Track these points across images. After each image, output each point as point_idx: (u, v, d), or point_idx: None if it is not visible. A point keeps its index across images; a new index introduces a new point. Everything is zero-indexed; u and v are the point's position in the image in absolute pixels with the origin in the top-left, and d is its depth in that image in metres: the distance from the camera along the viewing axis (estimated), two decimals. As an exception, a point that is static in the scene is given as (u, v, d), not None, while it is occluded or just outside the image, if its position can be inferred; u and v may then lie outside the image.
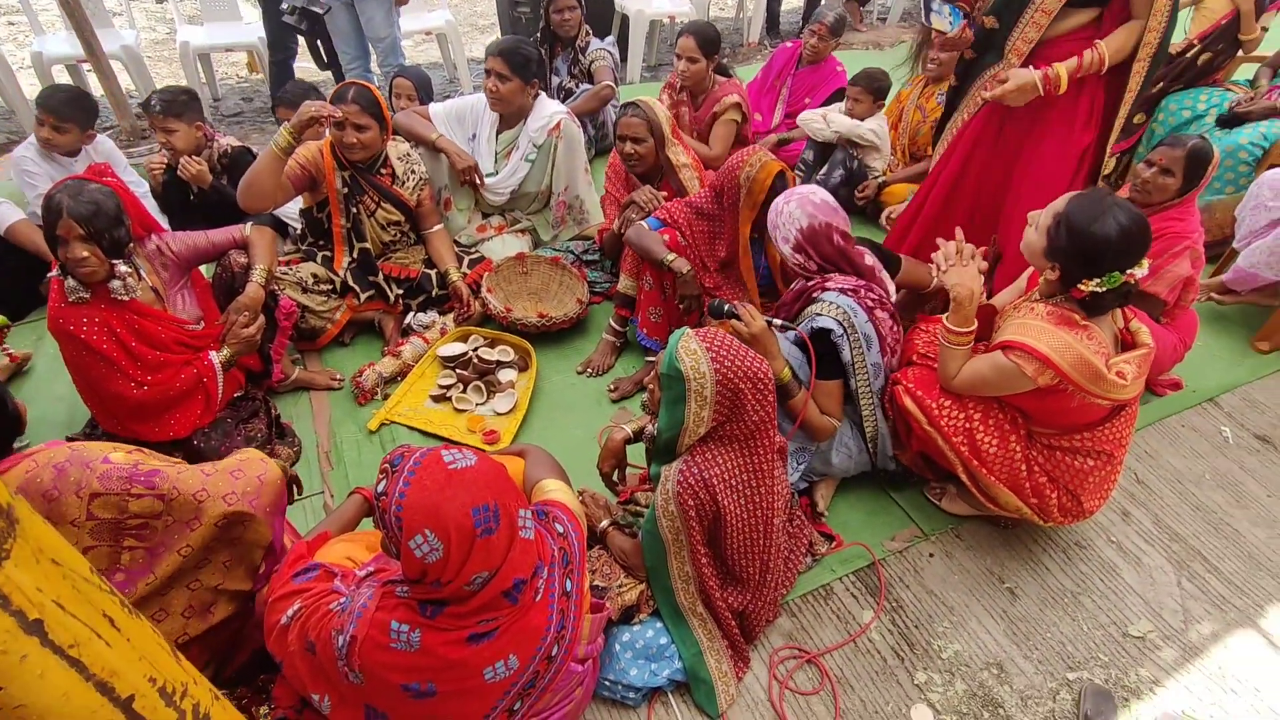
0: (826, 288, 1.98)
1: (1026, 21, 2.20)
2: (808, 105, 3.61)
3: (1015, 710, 1.76)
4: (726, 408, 1.55)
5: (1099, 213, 1.65)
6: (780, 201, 2.04)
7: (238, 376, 2.23)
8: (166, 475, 1.43)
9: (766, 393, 1.56)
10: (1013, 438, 1.88)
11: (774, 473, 1.65)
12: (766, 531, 1.67)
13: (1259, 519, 2.23)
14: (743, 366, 1.53)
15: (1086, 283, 1.68)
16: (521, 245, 3.00)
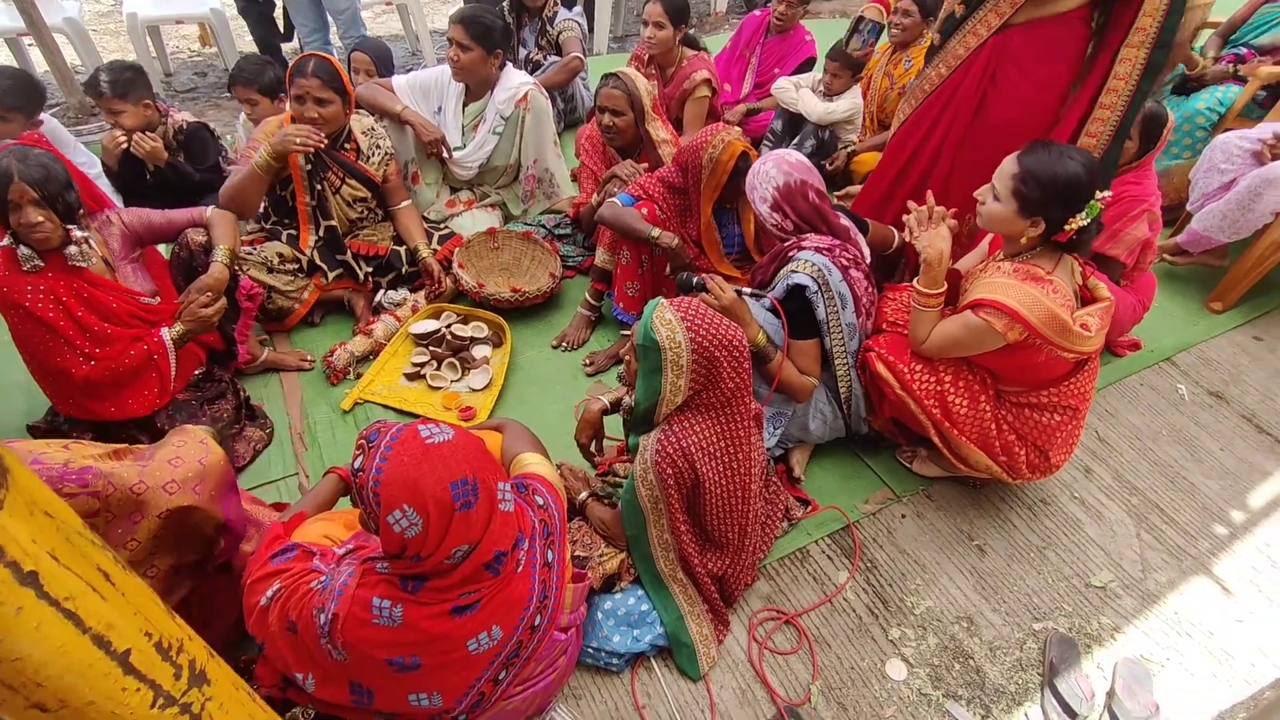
0: (802, 247, 1.99)
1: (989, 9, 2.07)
2: (777, 74, 3.59)
3: (984, 661, 1.83)
4: (703, 376, 1.56)
5: (1055, 157, 1.72)
6: (758, 164, 2.05)
7: (197, 354, 2.17)
8: (99, 471, 1.36)
9: (742, 359, 1.57)
10: (982, 398, 1.93)
11: (750, 439, 1.67)
12: (744, 497, 1.70)
13: (1212, 471, 2.33)
14: (718, 334, 1.54)
15: (1073, 220, 1.73)
16: (492, 220, 2.97)
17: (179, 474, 1.44)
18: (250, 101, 2.77)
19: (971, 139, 2.24)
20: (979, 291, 1.80)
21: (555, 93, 3.64)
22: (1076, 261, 1.88)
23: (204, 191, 2.88)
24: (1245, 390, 2.63)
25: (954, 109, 2.24)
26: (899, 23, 3.23)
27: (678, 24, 3.08)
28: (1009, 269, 1.81)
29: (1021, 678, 1.80)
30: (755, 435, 1.74)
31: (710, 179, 2.26)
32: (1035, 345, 1.77)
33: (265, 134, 2.39)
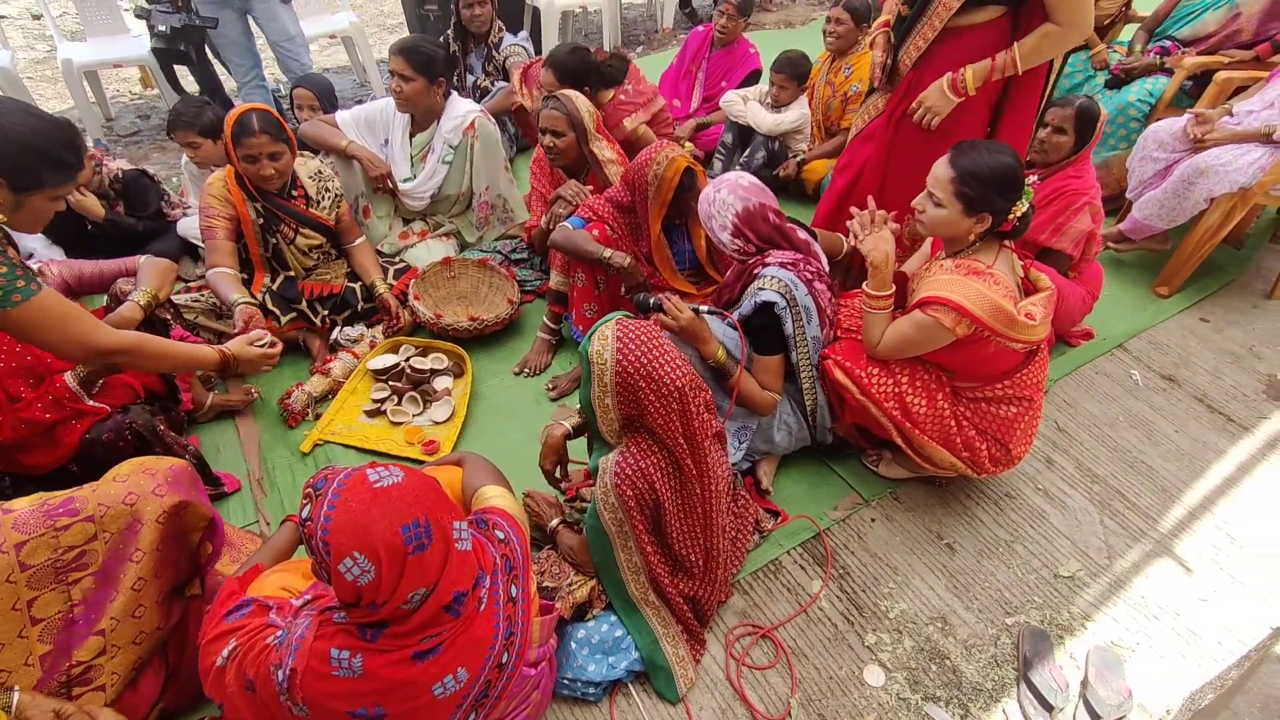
0: (766, 263, 2.00)
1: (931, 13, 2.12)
2: (724, 88, 3.64)
3: (960, 660, 1.84)
4: (630, 401, 1.56)
5: (985, 153, 1.78)
6: (710, 191, 2.05)
7: (131, 386, 2.07)
8: (84, 498, 1.42)
9: (668, 398, 1.54)
10: (939, 396, 1.96)
11: (709, 463, 1.66)
12: (707, 515, 1.69)
13: (1169, 454, 2.38)
14: (644, 365, 1.53)
15: (1016, 207, 1.78)
16: (447, 249, 2.94)
17: (159, 478, 1.49)
18: (191, 145, 2.73)
19: (909, 146, 2.29)
20: (925, 290, 1.83)
21: (505, 118, 3.64)
22: (1016, 255, 1.92)
23: (149, 240, 2.83)
24: (1196, 372, 2.70)
25: (894, 119, 2.30)
26: (833, 30, 3.30)
27: (578, 84, 2.97)
28: (951, 266, 1.85)
29: (997, 674, 1.81)
30: (718, 453, 1.74)
31: (657, 196, 2.27)
32: (984, 338, 1.81)
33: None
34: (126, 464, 1.54)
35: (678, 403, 1.55)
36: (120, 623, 1.42)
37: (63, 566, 1.38)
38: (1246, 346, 2.81)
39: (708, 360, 1.95)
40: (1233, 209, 2.77)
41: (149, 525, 1.46)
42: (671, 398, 1.54)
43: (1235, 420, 2.51)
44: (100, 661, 1.40)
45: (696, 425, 1.59)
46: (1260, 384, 2.65)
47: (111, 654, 1.42)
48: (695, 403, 1.57)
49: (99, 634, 1.40)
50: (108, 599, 1.43)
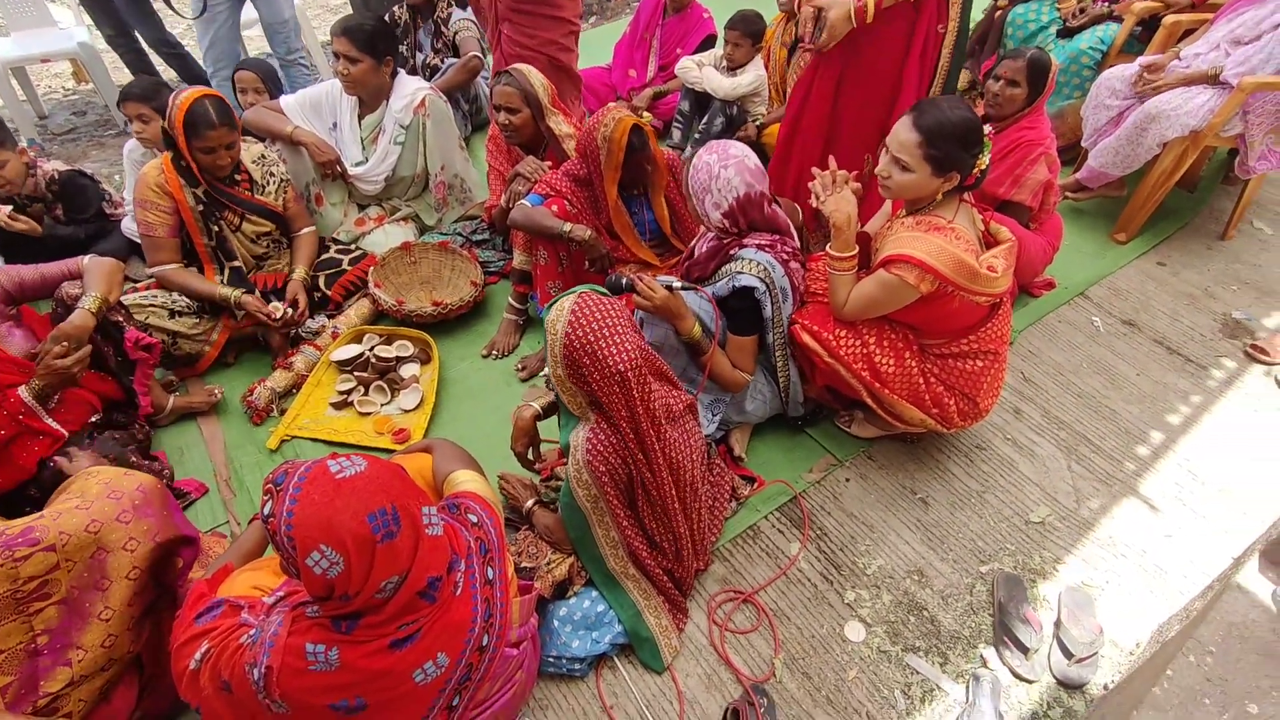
0: (744, 244, 1.99)
1: None
2: (679, 55, 3.58)
3: (938, 610, 1.87)
4: (576, 377, 1.55)
5: (940, 109, 1.77)
6: (715, 165, 1.95)
7: (89, 400, 2.02)
8: (44, 527, 1.37)
9: (610, 379, 1.52)
10: (907, 354, 1.97)
11: (662, 444, 1.64)
12: (663, 497, 1.67)
13: (1131, 397, 2.43)
14: (589, 342, 1.50)
15: (980, 161, 1.78)
16: (406, 234, 2.88)
17: (125, 502, 1.47)
18: (142, 118, 2.57)
19: (846, 90, 2.29)
20: (888, 249, 1.83)
21: (459, 94, 3.56)
22: (976, 209, 1.92)
23: (93, 242, 2.73)
24: (1155, 315, 2.76)
25: (826, 65, 2.29)
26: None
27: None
28: (912, 223, 1.85)
29: (974, 621, 1.85)
30: (690, 424, 1.74)
31: (609, 160, 2.23)
32: (948, 294, 1.81)
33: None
34: (92, 481, 1.49)
35: (619, 386, 1.52)
36: (88, 653, 1.39)
37: (23, 597, 1.35)
38: (1202, 288, 2.87)
39: (683, 337, 1.94)
40: (1184, 152, 2.81)
41: (116, 553, 1.43)
42: (613, 380, 1.51)
43: (1194, 360, 2.56)
44: (68, 691, 1.38)
45: (643, 411, 1.56)
46: (1216, 324, 2.72)
47: (80, 683, 1.40)
48: (641, 387, 1.54)
49: (66, 664, 1.37)
50: (74, 628, 1.40)
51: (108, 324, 2.05)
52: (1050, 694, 1.72)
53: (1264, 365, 2.53)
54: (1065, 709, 1.69)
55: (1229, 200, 3.18)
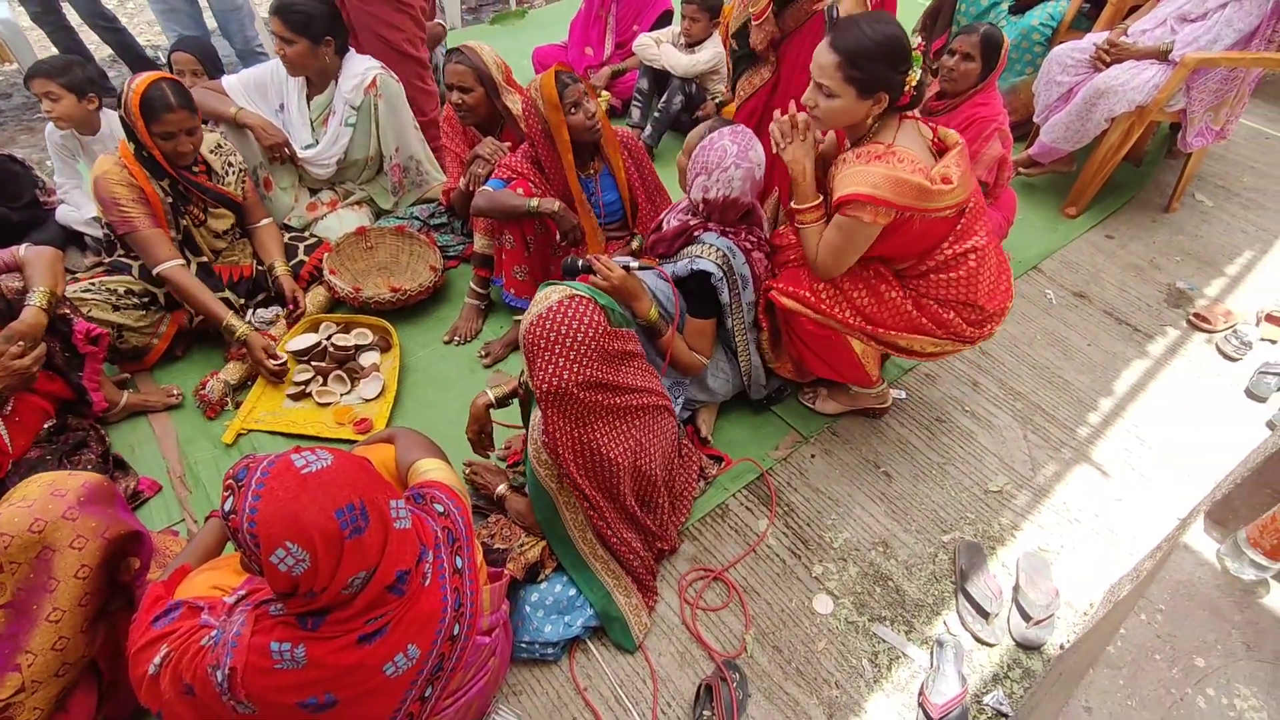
0: (708, 227, 1.97)
1: None
2: (636, 32, 3.53)
3: (902, 580, 1.92)
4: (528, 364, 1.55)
5: (858, 27, 1.65)
6: (729, 159, 1.88)
7: (41, 406, 1.94)
8: None
9: (536, 387, 1.52)
10: (883, 287, 1.89)
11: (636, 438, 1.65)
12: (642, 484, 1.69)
13: (1082, 367, 2.51)
14: (536, 344, 1.48)
15: (909, 78, 1.69)
16: (360, 219, 2.80)
17: (69, 499, 1.41)
18: (49, 95, 2.41)
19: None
20: (838, 190, 1.75)
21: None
22: (920, 121, 1.84)
23: (27, 231, 2.60)
24: (1104, 287, 2.84)
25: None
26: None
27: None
28: (853, 157, 1.76)
29: (937, 589, 1.90)
30: (660, 422, 1.74)
31: (553, 115, 2.15)
32: (907, 219, 1.73)
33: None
34: (34, 484, 1.43)
35: (554, 404, 1.52)
36: (38, 657, 1.34)
37: None
38: (1148, 259, 2.97)
39: (640, 319, 1.93)
40: (1131, 127, 2.88)
41: (63, 552, 1.38)
42: (538, 388, 1.51)
43: (1141, 330, 2.65)
44: (20, 699, 1.33)
45: (561, 436, 1.56)
46: (1161, 294, 2.81)
47: (32, 690, 1.34)
48: (560, 411, 1.53)
49: (15, 669, 1.32)
50: (22, 632, 1.35)
51: (54, 318, 1.96)
52: (1010, 656, 1.78)
53: (1205, 333, 2.63)
54: (1024, 669, 1.76)
55: (1173, 174, 3.28)
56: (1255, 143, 3.69)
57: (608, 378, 1.54)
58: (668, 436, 1.79)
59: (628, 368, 1.62)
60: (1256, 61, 2.65)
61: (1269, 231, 3.12)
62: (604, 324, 1.51)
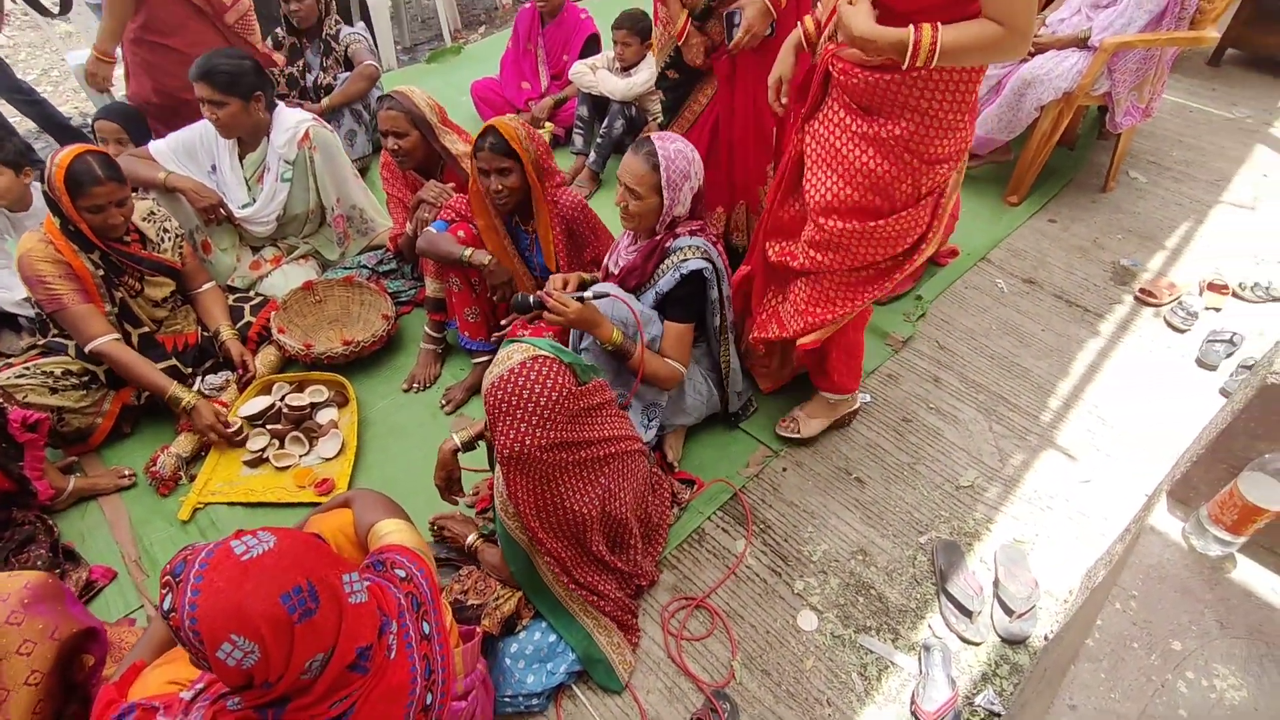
0: (677, 234, 1.96)
1: None
2: (567, 62, 3.54)
3: (884, 586, 1.91)
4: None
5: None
6: (687, 151, 1.89)
7: None
8: None
9: (504, 457, 1.50)
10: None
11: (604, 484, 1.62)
12: (611, 527, 1.66)
13: (1040, 352, 2.54)
14: (497, 407, 1.45)
15: None
16: (306, 272, 2.75)
17: (14, 602, 1.37)
18: None
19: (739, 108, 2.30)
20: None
21: (360, 108, 3.42)
22: None
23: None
24: (1052, 271, 2.89)
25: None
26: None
27: None
28: None
29: (919, 592, 1.90)
30: (631, 465, 1.71)
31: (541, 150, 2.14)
32: None
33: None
34: None
35: (516, 466, 1.49)
36: None
37: None
38: (1091, 239, 3.03)
39: (605, 344, 1.89)
40: (1060, 113, 2.95)
41: (10, 659, 1.33)
42: (499, 451, 1.49)
43: (1091, 310, 2.70)
44: None
45: (522, 494, 1.53)
46: (1107, 273, 2.87)
47: None
48: (521, 474, 1.51)
49: None
50: None
51: (-17, 407, 1.88)
52: (997, 652, 1.78)
53: (1152, 307, 2.69)
54: (1012, 665, 1.75)
55: (1106, 155, 3.36)
56: (1180, 117, 3.81)
57: (573, 436, 1.51)
58: (638, 476, 1.77)
59: (596, 419, 1.59)
60: (1170, 41, 2.73)
61: (1201, 202, 3.21)
62: (570, 385, 1.47)
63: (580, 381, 1.51)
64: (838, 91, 1.65)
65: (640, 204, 1.89)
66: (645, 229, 1.97)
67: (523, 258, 2.38)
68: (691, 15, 2.18)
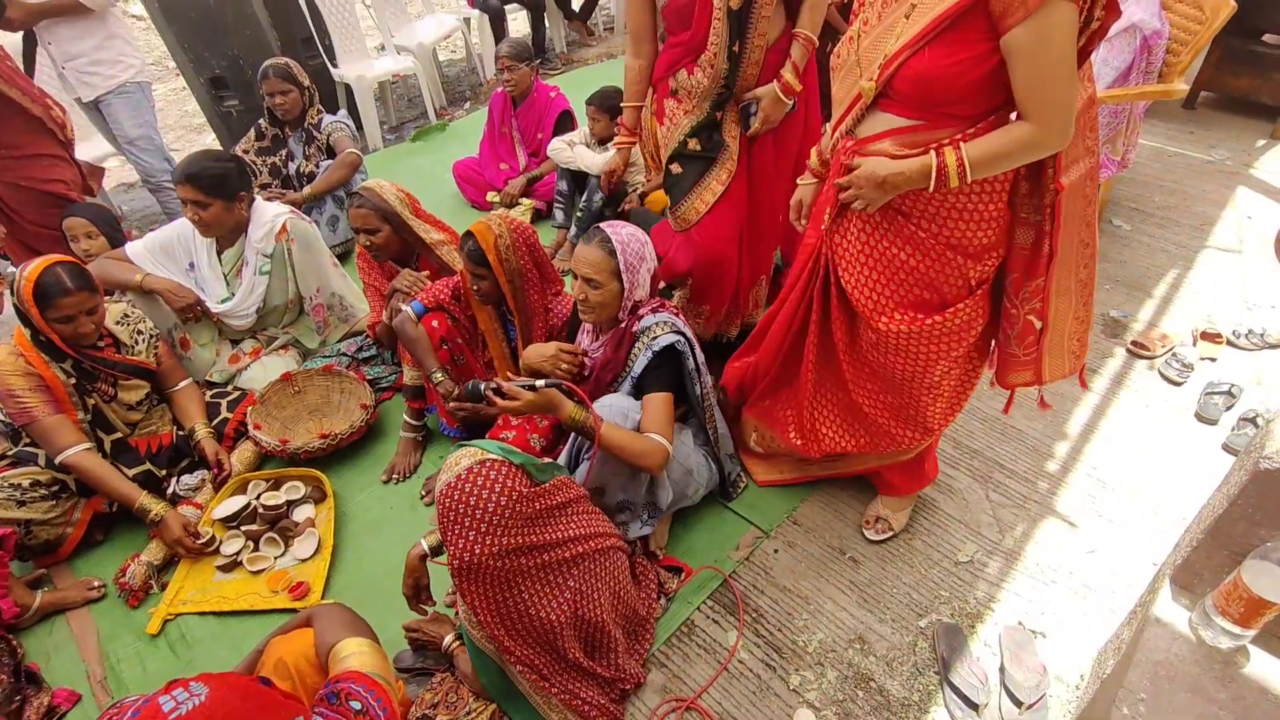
0: (641, 317, 1.91)
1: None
2: (542, 140, 3.59)
3: (884, 678, 1.81)
4: None
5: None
6: (640, 234, 1.90)
7: None
8: None
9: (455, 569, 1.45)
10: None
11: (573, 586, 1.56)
12: (584, 629, 1.58)
13: (1032, 412, 2.47)
14: (447, 514, 1.41)
15: None
16: (286, 363, 2.72)
17: None
18: None
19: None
20: None
21: (343, 194, 3.46)
22: None
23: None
24: (1040, 324, 2.84)
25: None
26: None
27: None
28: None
29: (921, 682, 1.79)
30: (609, 562, 1.65)
31: (530, 260, 2.14)
32: None
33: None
34: None
35: (468, 577, 1.44)
36: None
37: None
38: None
39: (566, 424, 1.81)
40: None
41: None
42: (460, 570, 1.43)
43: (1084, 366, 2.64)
44: None
45: (478, 604, 1.47)
46: (1097, 325, 2.82)
47: None
48: (475, 587, 1.46)
49: None
50: None
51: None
52: (1008, 749, 1.66)
53: (1146, 360, 2.63)
54: (1025, 763, 1.64)
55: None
56: (1159, 161, 3.83)
57: (531, 539, 1.45)
58: (617, 574, 1.69)
59: (559, 519, 1.52)
60: (1139, 95, 2.75)
61: (1187, 247, 3.19)
62: (522, 487, 1.41)
63: (535, 482, 1.45)
64: None
65: (600, 293, 1.86)
66: (607, 319, 1.94)
67: (510, 346, 2.36)
68: (709, 110, 2.15)
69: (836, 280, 1.73)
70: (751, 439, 2.27)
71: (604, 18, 7.00)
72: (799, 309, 1.90)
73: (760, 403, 2.16)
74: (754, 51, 2.05)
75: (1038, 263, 1.52)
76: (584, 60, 6.15)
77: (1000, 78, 1.31)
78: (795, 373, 2.01)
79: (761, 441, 2.25)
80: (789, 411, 2.07)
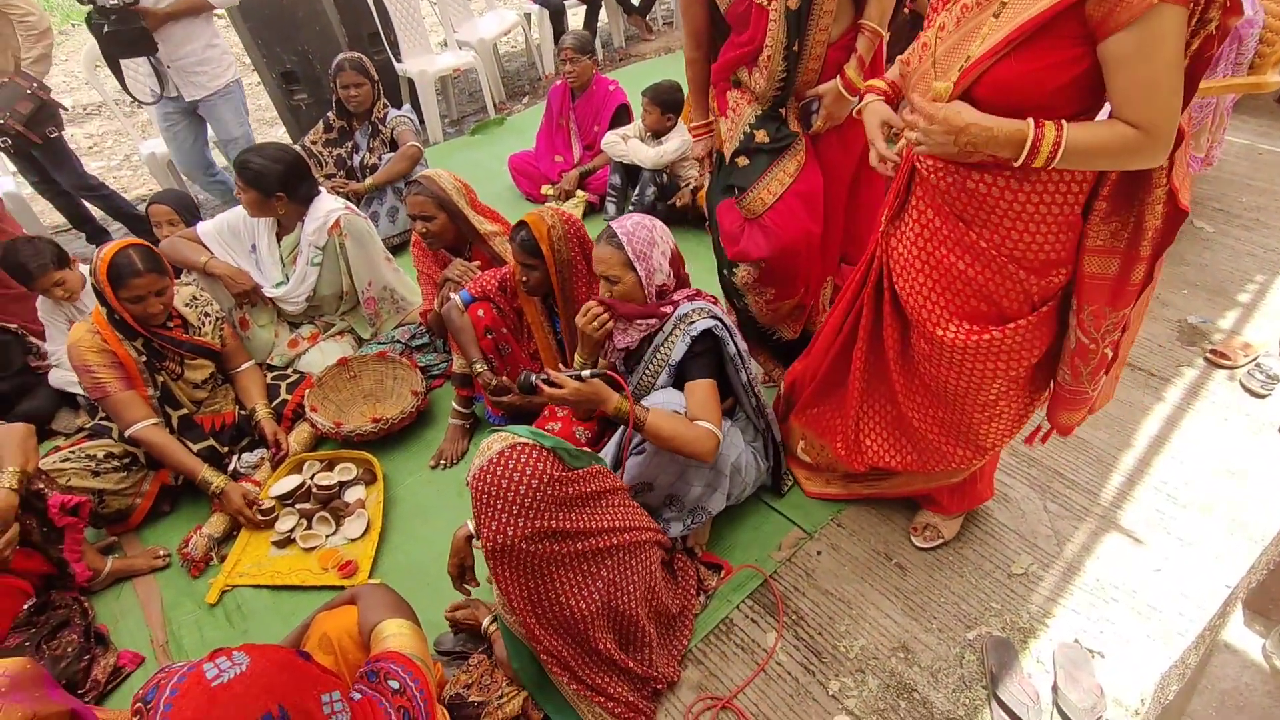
0: (677, 303, 1.89)
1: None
2: (598, 133, 3.60)
3: (928, 689, 1.75)
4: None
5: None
6: (645, 221, 1.88)
7: (18, 587, 1.90)
8: None
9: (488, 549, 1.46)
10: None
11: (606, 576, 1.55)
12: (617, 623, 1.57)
13: (1098, 421, 2.35)
14: (480, 496, 1.42)
15: None
16: (343, 349, 2.80)
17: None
18: (59, 284, 2.55)
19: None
20: None
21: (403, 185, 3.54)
22: None
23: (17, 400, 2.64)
24: (1109, 330, 2.70)
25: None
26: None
27: None
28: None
29: (968, 696, 1.73)
30: (642, 557, 1.64)
31: (579, 253, 2.16)
32: None
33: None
34: None
35: (501, 560, 1.45)
36: None
37: None
38: (1154, 295, 2.83)
39: (612, 415, 1.80)
40: (1110, 165, 2.81)
41: None
42: (493, 552, 1.44)
43: (1156, 374, 2.50)
44: None
45: (511, 589, 1.48)
46: (1173, 331, 2.67)
47: None
48: (505, 569, 1.47)
49: None
50: None
51: (29, 495, 1.95)
52: (1058, 772, 1.59)
53: (1226, 370, 2.47)
54: (1076, 787, 1.56)
55: (1165, 203, 3.17)
56: (1249, 159, 3.59)
57: (566, 525, 1.45)
58: (650, 568, 1.68)
59: (595, 508, 1.52)
60: (1226, 88, 2.58)
61: (1276, 252, 2.98)
62: (553, 470, 1.41)
63: (569, 466, 1.45)
64: (924, 190, 1.51)
65: (620, 286, 1.85)
66: (637, 313, 1.92)
67: (556, 338, 2.38)
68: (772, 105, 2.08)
69: (891, 286, 1.68)
70: (799, 447, 2.21)
71: (663, 12, 6.98)
72: (850, 313, 1.85)
73: (808, 410, 2.11)
74: (815, 48, 1.99)
75: (1125, 291, 1.41)
76: (641, 55, 6.15)
77: (1087, 82, 1.22)
78: (843, 380, 1.95)
79: (809, 450, 2.19)
80: (836, 419, 2.02)
